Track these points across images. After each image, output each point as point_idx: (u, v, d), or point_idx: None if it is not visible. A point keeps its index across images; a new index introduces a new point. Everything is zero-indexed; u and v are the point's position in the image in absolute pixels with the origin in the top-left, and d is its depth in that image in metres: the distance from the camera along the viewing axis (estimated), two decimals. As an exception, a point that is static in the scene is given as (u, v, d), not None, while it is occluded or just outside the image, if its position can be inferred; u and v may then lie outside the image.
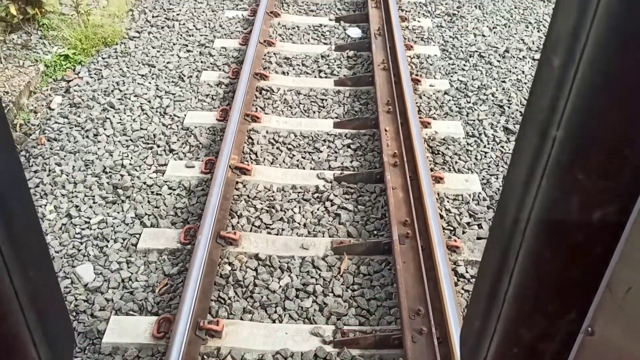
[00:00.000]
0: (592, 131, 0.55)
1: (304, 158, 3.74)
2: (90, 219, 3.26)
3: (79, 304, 2.80)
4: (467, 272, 3.02)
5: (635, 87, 0.51)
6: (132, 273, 2.95)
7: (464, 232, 3.24)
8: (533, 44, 5.25)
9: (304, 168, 3.66)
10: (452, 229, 3.27)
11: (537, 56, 5.05)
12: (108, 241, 3.12)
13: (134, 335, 2.62)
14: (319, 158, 3.74)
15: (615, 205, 0.59)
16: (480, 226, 3.30)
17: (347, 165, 3.68)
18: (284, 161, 3.71)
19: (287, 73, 4.57)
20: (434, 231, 2.97)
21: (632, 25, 0.48)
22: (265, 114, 4.10)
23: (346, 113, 4.16)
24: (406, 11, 5.56)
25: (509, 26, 5.52)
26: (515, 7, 5.93)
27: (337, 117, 4.10)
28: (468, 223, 3.32)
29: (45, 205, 3.35)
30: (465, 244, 3.15)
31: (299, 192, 3.47)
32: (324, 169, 3.65)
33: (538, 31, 5.52)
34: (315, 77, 4.55)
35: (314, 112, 4.17)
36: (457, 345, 2.46)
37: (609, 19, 0.49)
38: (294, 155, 3.77)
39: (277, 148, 3.82)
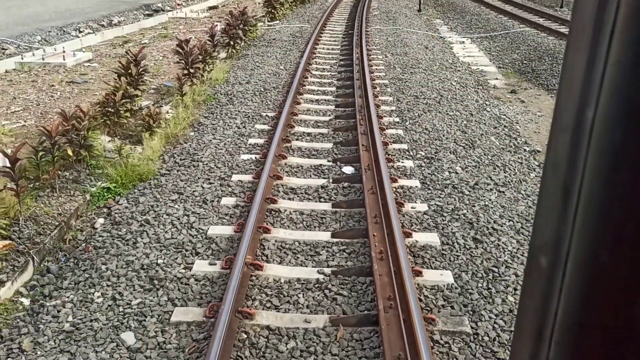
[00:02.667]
0: (586, 326, 0.55)
1: (306, 259, 4.52)
2: (131, 301, 3.96)
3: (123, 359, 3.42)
4: (441, 339, 3.67)
5: (622, 284, 0.52)
6: (166, 338, 3.60)
7: (439, 311, 3.93)
8: (499, 180, 6.25)
9: (306, 266, 4.42)
10: (429, 308, 3.95)
11: (502, 189, 6.02)
12: (146, 317, 3.80)
13: (168, 380, 3.22)
14: (319, 259, 4.51)
15: None
16: (452, 307, 3.98)
17: (343, 264, 4.45)
18: (290, 261, 4.49)
19: (293, 199, 5.50)
20: (412, 304, 3.66)
21: (608, 235, 0.50)
22: (274, 227, 4.95)
23: (342, 227, 5.01)
24: (391, 155, 6.66)
25: (479, 167, 6.57)
26: (485, 154, 7.03)
27: (334, 230, 4.94)
28: (443, 305, 4.01)
29: (94, 293, 4.07)
30: (439, 319, 3.82)
31: (302, 283, 4.20)
32: (323, 267, 4.41)
33: (504, 172, 6.55)
34: (316, 201, 5.47)
35: (315, 227, 5.02)
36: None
37: (587, 230, 0.52)
38: (298, 257, 4.55)
39: (284, 252, 4.61)
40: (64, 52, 11.47)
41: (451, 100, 9.31)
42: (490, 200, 5.69)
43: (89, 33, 14.90)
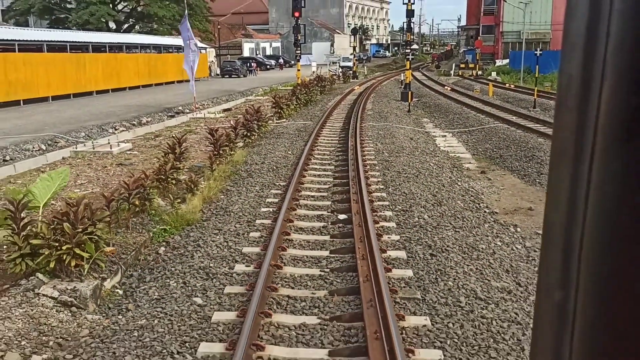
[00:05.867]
0: None
1: (311, 290, 6.51)
2: (195, 284, 5.94)
3: (179, 341, 5.36)
4: (400, 301, 5.61)
5: None
6: (222, 300, 5.55)
7: (401, 288, 5.88)
8: (457, 225, 8.28)
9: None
10: (394, 289, 5.91)
11: (458, 229, 8.05)
12: (207, 291, 5.76)
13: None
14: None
15: None
16: (410, 287, 5.93)
17: (338, 266, 6.44)
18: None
19: (301, 233, 7.55)
20: (382, 281, 5.63)
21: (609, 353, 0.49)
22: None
23: (337, 247, 7.02)
24: (376, 208, 8.75)
25: (442, 217, 8.64)
26: (449, 210, 9.11)
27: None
28: (403, 286, 5.96)
29: (169, 282, 6.05)
30: (400, 291, 5.78)
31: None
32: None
33: (462, 221, 8.60)
34: (319, 235, 7.51)
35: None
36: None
37: (585, 348, 0.51)
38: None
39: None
40: (109, 143, 13.90)
41: (428, 175, 11.51)
42: (447, 234, 7.73)
43: (123, 130, 17.50)
